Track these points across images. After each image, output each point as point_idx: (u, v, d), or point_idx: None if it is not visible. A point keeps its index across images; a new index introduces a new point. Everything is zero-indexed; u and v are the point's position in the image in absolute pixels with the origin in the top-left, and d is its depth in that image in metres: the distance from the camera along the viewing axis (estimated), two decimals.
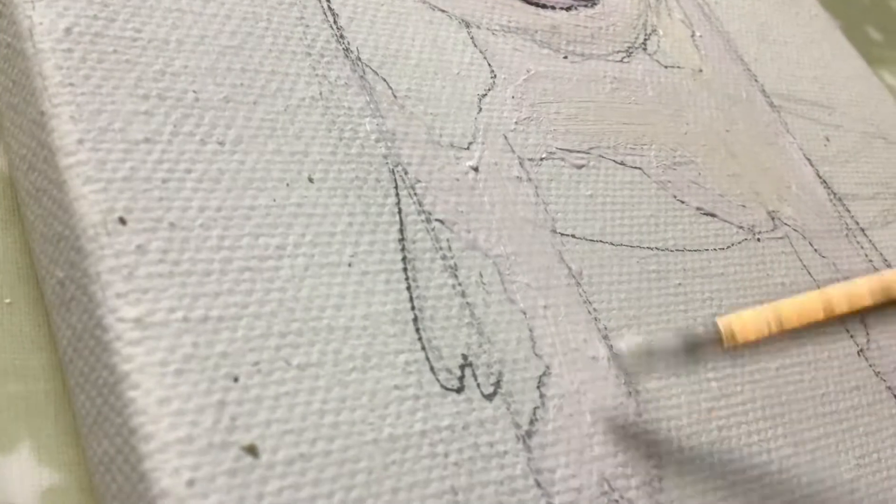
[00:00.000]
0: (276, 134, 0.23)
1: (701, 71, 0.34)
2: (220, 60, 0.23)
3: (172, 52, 0.23)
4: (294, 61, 0.25)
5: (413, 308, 0.22)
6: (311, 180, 0.23)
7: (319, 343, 0.20)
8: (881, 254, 0.33)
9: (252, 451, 0.18)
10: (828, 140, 0.35)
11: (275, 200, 0.22)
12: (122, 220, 0.19)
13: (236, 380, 0.18)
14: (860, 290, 0.18)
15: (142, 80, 0.22)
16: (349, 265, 0.22)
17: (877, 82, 0.41)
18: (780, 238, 0.30)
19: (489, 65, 0.29)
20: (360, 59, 0.26)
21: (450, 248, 0.23)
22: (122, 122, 0.21)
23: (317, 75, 0.25)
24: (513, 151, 0.27)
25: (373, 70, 0.26)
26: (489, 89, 0.28)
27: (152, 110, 0.21)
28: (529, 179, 0.26)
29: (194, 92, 0.22)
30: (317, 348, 0.20)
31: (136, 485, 0.17)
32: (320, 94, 0.24)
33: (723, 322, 0.20)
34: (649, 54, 0.33)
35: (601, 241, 0.26)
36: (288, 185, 0.22)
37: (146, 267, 0.19)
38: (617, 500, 0.21)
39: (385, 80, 0.26)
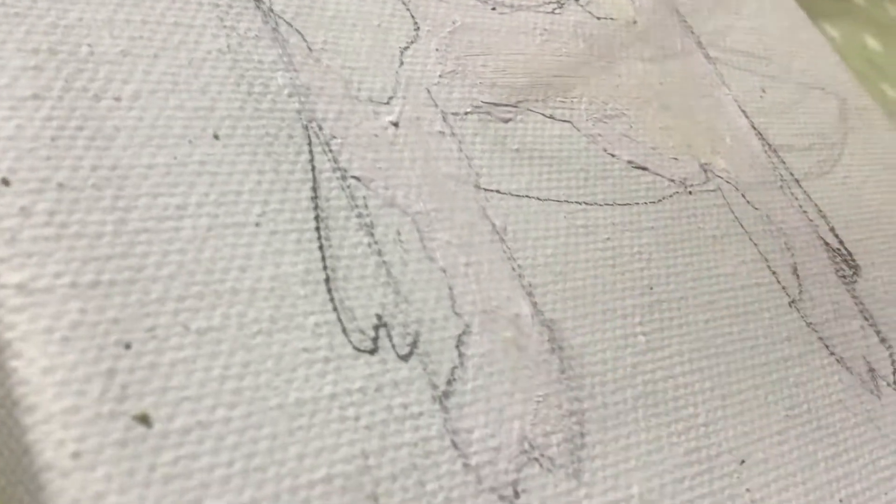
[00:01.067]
0: (179, 88, 0.22)
1: (635, 23, 0.34)
2: (118, 12, 0.22)
3: (66, 4, 0.21)
4: (200, 13, 0.23)
5: (325, 268, 0.21)
6: (216, 137, 0.22)
7: (222, 306, 0.19)
8: (816, 204, 0.32)
9: (144, 420, 0.17)
10: (764, 91, 0.35)
11: (176, 158, 0.21)
12: (6, 182, 0.18)
13: (128, 346, 0.17)
14: None
15: (31, 34, 0.21)
16: (257, 225, 0.21)
17: (816, 33, 0.40)
18: (713, 190, 0.30)
19: (412, 16, 0.28)
20: (272, 11, 0.25)
21: (366, 206, 0.23)
22: (9, 78, 0.20)
23: (224, 27, 0.23)
24: (436, 106, 0.26)
25: (286, 21, 0.25)
26: (412, 42, 0.27)
27: (42, 65, 0.20)
28: (453, 134, 0.26)
29: (89, 45, 0.21)
30: (219, 312, 0.19)
31: (20, 458, 0.16)
32: (228, 46, 0.23)
33: None
34: (581, 5, 0.33)
35: (527, 196, 0.26)
36: (191, 142, 0.21)
37: (31, 230, 0.18)
38: (537, 459, 0.21)
39: (299, 32, 0.25)
